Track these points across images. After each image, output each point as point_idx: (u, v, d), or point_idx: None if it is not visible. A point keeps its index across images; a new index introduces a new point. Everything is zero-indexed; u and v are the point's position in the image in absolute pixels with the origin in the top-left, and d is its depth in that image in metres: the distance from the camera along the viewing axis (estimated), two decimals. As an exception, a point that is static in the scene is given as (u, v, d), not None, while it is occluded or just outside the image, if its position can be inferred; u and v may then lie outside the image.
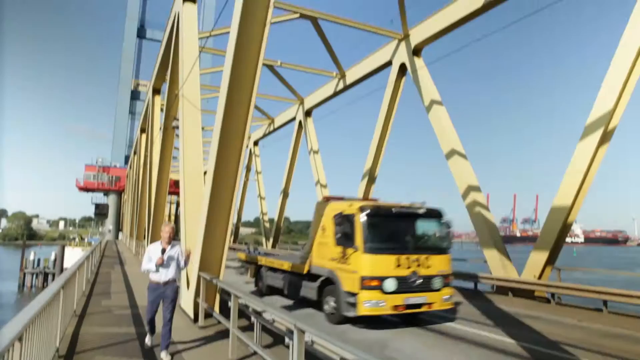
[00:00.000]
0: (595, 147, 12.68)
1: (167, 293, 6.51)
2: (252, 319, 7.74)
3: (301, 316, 4.22)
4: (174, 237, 6.88)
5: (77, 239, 52.48)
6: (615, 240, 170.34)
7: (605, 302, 11.86)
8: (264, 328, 7.80)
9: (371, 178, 22.18)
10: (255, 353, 6.62)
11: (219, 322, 8.32)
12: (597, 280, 22.46)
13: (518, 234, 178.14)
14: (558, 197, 13.81)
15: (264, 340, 6.66)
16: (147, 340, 6.92)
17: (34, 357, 4.15)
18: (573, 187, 13.38)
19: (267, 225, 38.93)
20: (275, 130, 34.67)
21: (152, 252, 6.55)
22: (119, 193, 65.15)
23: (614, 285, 14.40)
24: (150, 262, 6.48)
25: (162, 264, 6.39)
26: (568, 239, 15.22)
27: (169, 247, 6.58)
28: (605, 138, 12.75)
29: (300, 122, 29.44)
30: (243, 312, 8.10)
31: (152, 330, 6.84)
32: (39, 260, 42.25)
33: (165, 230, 6.58)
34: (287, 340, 6.53)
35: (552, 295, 13.28)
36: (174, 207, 75.45)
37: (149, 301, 6.58)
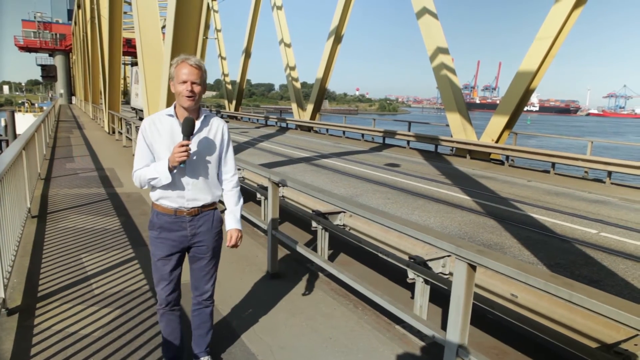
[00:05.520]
0: (570, 10, 12.39)
1: (201, 237, 2.63)
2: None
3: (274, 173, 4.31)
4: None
5: (26, 105, 49.68)
6: (567, 109, 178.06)
7: (553, 165, 12.79)
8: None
9: (337, 37, 21.33)
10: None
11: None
12: (548, 147, 23.90)
13: (477, 101, 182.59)
14: (524, 63, 13.86)
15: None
16: None
17: (7, 217, 4.13)
18: (540, 52, 13.40)
19: (229, 87, 37.77)
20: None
21: (154, 134, 2.50)
22: (67, 53, 60.39)
23: (562, 150, 15.34)
24: (153, 160, 2.52)
25: (184, 162, 2.40)
26: (524, 107, 15.94)
27: (200, 119, 2.54)
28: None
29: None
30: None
31: (174, 349, 2.76)
32: (-13, 126, 40.25)
33: (183, 72, 2.40)
34: (258, 195, 6.80)
35: (507, 157, 14.13)
36: (128, 68, 71.30)
37: (155, 260, 2.61)
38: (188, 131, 2.38)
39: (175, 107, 2.53)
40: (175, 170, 2.45)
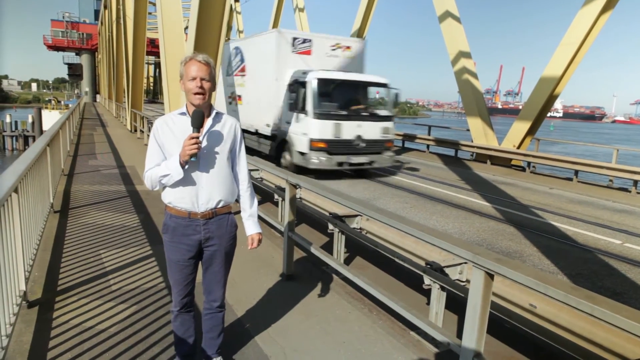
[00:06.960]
0: (597, 15, 12.12)
1: (215, 241, 2.57)
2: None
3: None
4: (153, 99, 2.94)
5: (53, 102, 50.79)
6: (592, 116, 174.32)
7: (576, 172, 12.51)
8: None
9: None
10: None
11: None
12: (572, 154, 23.42)
13: (499, 106, 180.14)
14: (548, 68, 13.61)
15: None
16: None
17: (31, 211, 4.23)
18: (565, 58, 13.14)
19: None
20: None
21: (167, 134, 2.47)
22: (92, 52, 61.72)
23: (586, 158, 15.01)
24: (165, 160, 2.45)
25: (195, 155, 2.33)
26: (548, 113, 15.76)
27: (212, 116, 2.51)
28: (610, 3, 12.11)
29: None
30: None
31: (187, 348, 2.75)
32: (15, 122, 41.35)
33: (192, 68, 2.38)
34: (275, 196, 6.81)
35: (528, 164, 13.88)
36: (152, 68, 72.54)
37: (170, 264, 2.59)
38: (197, 123, 2.35)
39: (187, 106, 2.48)
40: (187, 166, 2.38)
